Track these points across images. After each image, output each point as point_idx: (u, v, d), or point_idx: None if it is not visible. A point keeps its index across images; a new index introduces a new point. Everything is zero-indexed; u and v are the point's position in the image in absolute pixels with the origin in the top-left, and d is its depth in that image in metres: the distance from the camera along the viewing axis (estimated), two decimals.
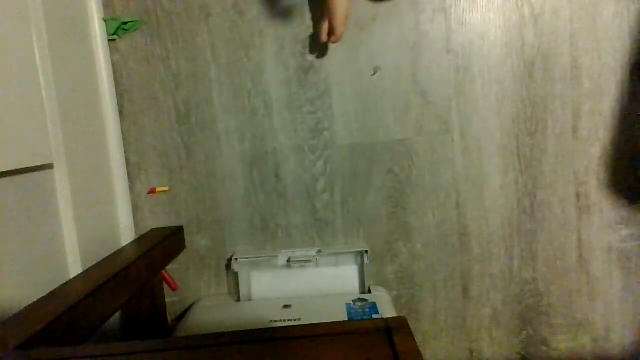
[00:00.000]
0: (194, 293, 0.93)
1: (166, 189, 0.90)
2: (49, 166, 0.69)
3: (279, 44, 0.87)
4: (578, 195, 0.88)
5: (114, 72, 0.88)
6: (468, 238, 0.90)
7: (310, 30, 0.86)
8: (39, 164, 0.66)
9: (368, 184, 0.89)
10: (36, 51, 0.67)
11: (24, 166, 0.62)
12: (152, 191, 0.90)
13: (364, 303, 0.81)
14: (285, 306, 0.82)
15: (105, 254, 0.76)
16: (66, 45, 0.74)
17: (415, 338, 0.40)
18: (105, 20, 0.85)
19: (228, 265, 0.91)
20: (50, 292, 0.58)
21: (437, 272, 0.91)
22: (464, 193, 0.89)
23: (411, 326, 0.42)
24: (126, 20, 0.86)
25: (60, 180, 0.70)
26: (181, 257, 0.92)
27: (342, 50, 0.86)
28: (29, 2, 0.66)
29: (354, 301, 0.82)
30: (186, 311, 0.90)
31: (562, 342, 0.92)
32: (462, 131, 0.88)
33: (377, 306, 0.79)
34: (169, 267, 0.91)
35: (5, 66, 0.60)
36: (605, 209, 0.89)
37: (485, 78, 0.86)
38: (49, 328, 0.48)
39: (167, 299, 0.91)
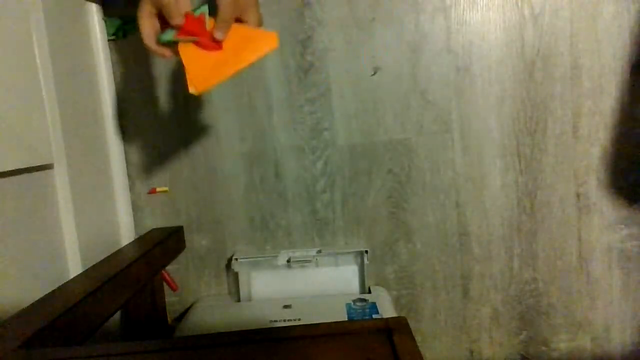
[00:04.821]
0: (194, 293, 0.93)
1: (166, 189, 0.90)
2: (49, 166, 0.69)
3: (278, 44, 0.87)
4: (578, 195, 0.88)
5: (114, 72, 0.88)
6: (468, 238, 0.90)
7: (311, 31, 0.86)
8: (39, 164, 0.66)
9: (368, 184, 0.89)
10: (36, 51, 0.67)
11: (24, 166, 0.62)
12: (152, 191, 0.90)
13: (364, 303, 0.81)
14: (285, 306, 0.82)
15: (105, 254, 0.76)
16: (66, 45, 0.74)
17: (415, 338, 0.40)
18: (105, 20, 0.85)
19: (228, 265, 0.91)
20: (50, 292, 0.58)
21: (437, 272, 0.91)
22: (464, 193, 0.89)
23: (411, 326, 0.42)
24: (126, 20, 0.86)
25: (60, 180, 0.70)
26: (181, 257, 0.91)
27: (342, 50, 0.86)
28: (29, 2, 0.66)
29: (354, 301, 0.82)
30: (186, 311, 0.90)
31: (562, 342, 0.92)
32: (462, 131, 0.88)
33: (377, 306, 0.79)
34: (169, 267, 0.91)
35: (5, 66, 0.60)
36: (605, 209, 0.88)
37: (485, 78, 0.86)
38: (49, 328, 0.48)
39: (167, 299, 0.91)
